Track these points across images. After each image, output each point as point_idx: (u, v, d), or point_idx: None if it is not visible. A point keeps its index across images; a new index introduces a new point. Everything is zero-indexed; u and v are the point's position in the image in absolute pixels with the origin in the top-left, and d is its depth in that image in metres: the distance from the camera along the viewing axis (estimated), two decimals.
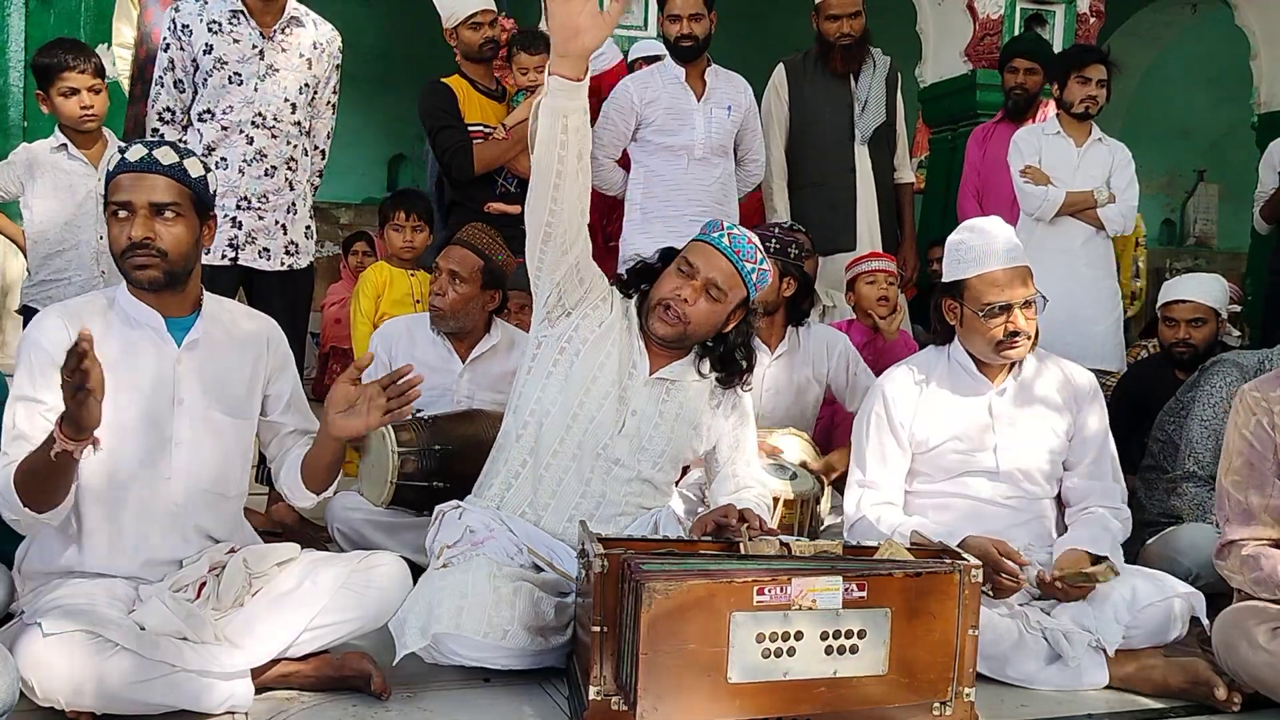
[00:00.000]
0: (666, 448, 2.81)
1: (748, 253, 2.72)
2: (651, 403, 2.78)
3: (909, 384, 2.94)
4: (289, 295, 3.71)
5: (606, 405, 2.73)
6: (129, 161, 2.31)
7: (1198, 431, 3.41)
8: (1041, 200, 4.51)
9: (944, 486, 2.93)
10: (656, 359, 2.79)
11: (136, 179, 2.30)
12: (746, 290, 2.76)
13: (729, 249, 2.72)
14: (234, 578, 2.39)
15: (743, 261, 2.72)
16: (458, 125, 4.28)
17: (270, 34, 3.58)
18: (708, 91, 4.35)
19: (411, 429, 3.28)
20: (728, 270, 2.71)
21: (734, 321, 2.79)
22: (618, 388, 2.74)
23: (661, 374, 2.78)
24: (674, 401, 2.81)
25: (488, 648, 2.37)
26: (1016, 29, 6.38)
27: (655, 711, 2.11)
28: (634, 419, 2.76)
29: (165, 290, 2.35)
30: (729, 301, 2.74)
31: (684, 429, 2.82)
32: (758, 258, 2.74)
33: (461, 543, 2.62)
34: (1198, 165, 10.93)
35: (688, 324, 2.72)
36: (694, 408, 2.83)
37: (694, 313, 2.71)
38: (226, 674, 2.20)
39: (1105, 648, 2.62)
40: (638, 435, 2.77)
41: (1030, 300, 2.80)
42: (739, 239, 2.73)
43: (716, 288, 2.70)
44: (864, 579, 2.19)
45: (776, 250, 3.58)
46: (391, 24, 8.84)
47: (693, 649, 2.11)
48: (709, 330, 2.76)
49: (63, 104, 3.60)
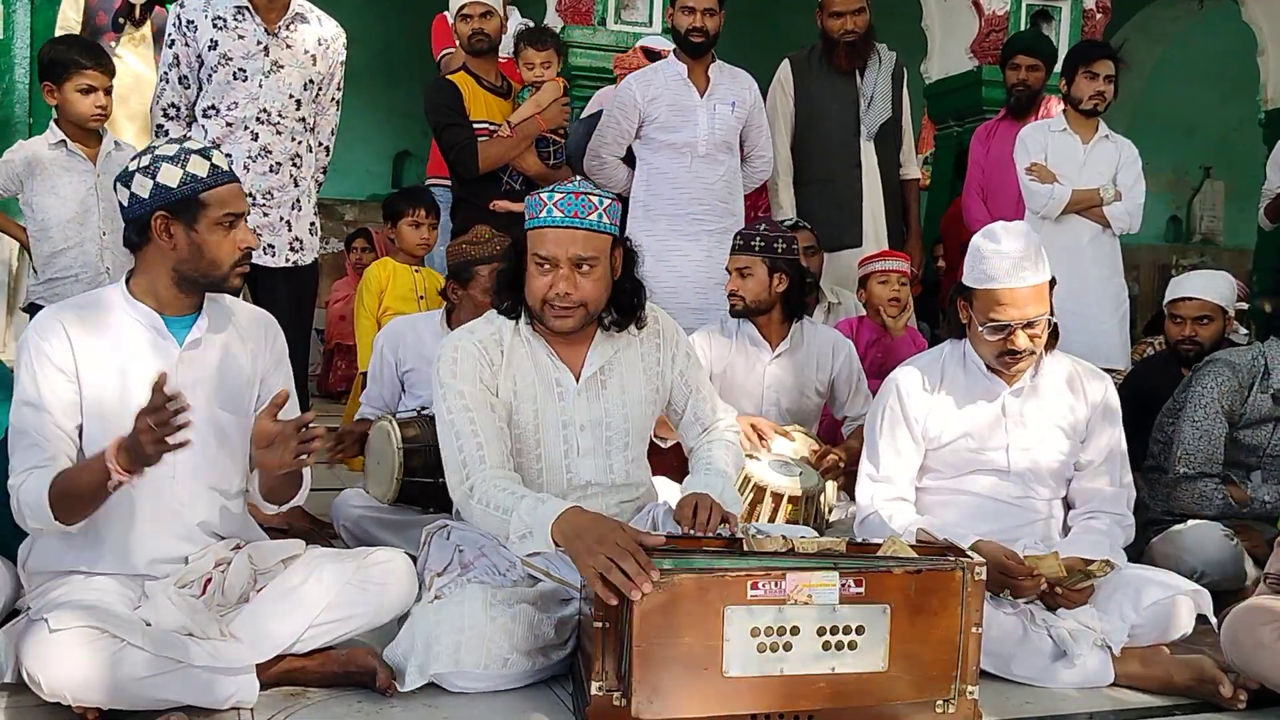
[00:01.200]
0: (628, 438, 2.73)
1: (579, 205, 2.54)
2: (594, 404, 2.67)
3: (923, 379, 2.93)
4: (293, 291, 3.72)
5: (549, 438, 2.64)
6: (220, 174, 2.34)
7: (1189, 433, 3.40)
8: (1047, 198, 4.49)
9: (953, 483, 2.92)
10: (572, 358, 2.67)
11: (230, 193, 2.35)
12: (607, 234, 2.58)
13: (565, 218, 2.54)
14: (239, 574, 2.40)
15: (586, 218, 2.54)
16: (462, 123, 4.28)
17: (275, 30, 3.59)
18: (711, 88, 4.35)
19: (417, 425, 3.28)
20: (581, 236, 2.54)
21: (615, 268, 2.64)
22: (556, 413, 2.63)
23: (586, 373, 2.67)
24: (613, 389, 2.70)
25: (488, 678, 2.37)
26: (1022, 25, 6.37)
27: (651, 705, 2.12)
28: (584, 433, 2.66)
29: None
30: (602, 260, 2.58)
31: (636, 407, 2.73)
32: (593, 202, 2.55)
33: (451, 567, 2.59)
34: (1204, 162, 10.91)
35: (585, 305, 2.57)
36: (635, 381, 2.73)
37: (582, 295, 2.56)
38: (232, 670, 2.20)
39: (1111, 645, 2.62)
40: (595, 445, 2.67)
41: (1035, 321, 2.76)
42: (563, 201, 2.54)
43: (582, 259, 2.55)
44: (862, 575, 2.19)
45: (762, 248, 3.57)
46: (396, 20, 8.84)
47: (687, 643, 2.12)
48: (605, 293, 2.62)
49: (78, 100, 3.57)
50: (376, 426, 3.36)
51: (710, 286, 4.29)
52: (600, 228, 2.56)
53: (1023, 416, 2.88)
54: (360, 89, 7.11)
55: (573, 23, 5.66)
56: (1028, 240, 2.77)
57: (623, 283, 2.66)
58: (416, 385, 3.59)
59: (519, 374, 2.63)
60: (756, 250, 3.58)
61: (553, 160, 4.40)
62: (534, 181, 4.37)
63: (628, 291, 2.67)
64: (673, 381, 2.83)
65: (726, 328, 3.73)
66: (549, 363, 2.66)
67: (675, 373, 2.82)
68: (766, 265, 3.57)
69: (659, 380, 2.80)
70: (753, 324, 3.68)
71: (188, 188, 2.29)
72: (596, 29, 5.70)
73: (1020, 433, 2.88)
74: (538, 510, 2.34)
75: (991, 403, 2.89)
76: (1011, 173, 4.71)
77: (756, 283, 3.59)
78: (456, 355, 2.59)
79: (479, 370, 2.58)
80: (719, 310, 4.02)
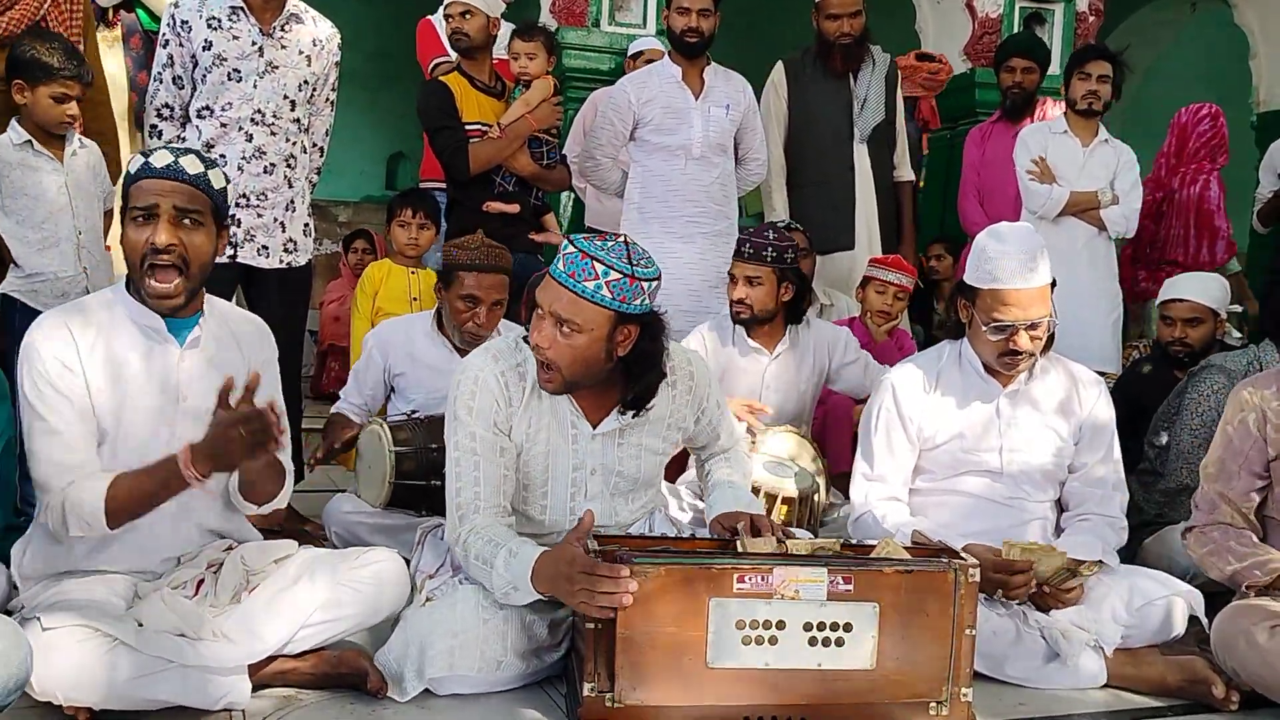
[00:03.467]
0: (637, 484, 2.68)
1: (585, 273, 2.36)
2: (608, 451, 2.60)
3: (919, 379, 2.94)
4: (287, 293, 3.71)
5: (557, 479, 2.58)
6: (154, 167, 2.29)
7: (1187, 442, 3.41)
8: (1046, 198, 4.51)
9: (945, 484, 2.93)
10: (592, 412, 2.56)
11: (160, 184, 2.28)
12: (608, 309, 2.38)
13: (563, 275, 2.38)
14: (232, 575, 2.39)
15: (581, 283, 2.35)
16: (454, 125, 4.27)
17: (270, 31, 3.58)
18: (706, 90, 4.35)
19: (408, 428, 3.28)
20: (567, 299, 2.36)
21: (621, 345, 2.44)
22: (567, 455, 2.56)
23: (603, 429, 2.58)
24: (631, 441, 2.62)
25: (483, 680, 2.37)
26: (1016, 28, 6.38)
27: (634, 692, 2.15)
28: (594, 477, 2.60)
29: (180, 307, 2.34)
30: (590, 331, 2.38)
31: (650, 459, 2.67)
32: (597, 271, 2.35)
33: (443, 569, 2.59)
34: None
35: (560, 369, 2.41)
36: (655, 435, 2.66)
37: (555, 356, 2.40)
38: (224, 670, 2.20)
39: (1104, 646, 2.62)
40: (604, 489, 2.62)
41: (1037, 322, 2.77)
42: (572, 259, 2.37)
43: (561, 320, 2.37)
44: (850, 572, 2.19)
45: (774, 257, 3.58)
46: (391, 22, 8.83)
47: (671, 632, 2.14)
48: (590, 365, 2.43)
49: (50, 107, 3.45)
50: (367, 430, 3.35)
51: (704, 289, 4.30)
52: (593, 298, 2.36)
53: (1017, 418, 2.89)
54: (355, 90, 7.11)
55: (567, 24, 5.66)
56: (1033, 241, 2.78)
57: (631, 362, 2.48)
58: (407, 389, 3.58)
59: (534, 415, 2.53)
60: (769, 260, 3.57)
61: (546, 160, 4.40)
62: (527, 182, 4.37)
63: (635, 376, 2.50)
64: (695, 429, 2.79)
65: (724, 327, 3.73)
66: (567, 407, 2.56)
67: (705, 422, 2.79)
68: (776, 275, 3.58)
69: (679, 429, 2.73)
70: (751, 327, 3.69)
71: (125, 183, 2.32)
72: (590, 30, 5.70)
73: (1014, 434, 2.89)
74: (513, 566, 2.31)
75: (986, 404, 2.89)
76: (1008, 174, 4.73)
77: (765, 292, 3.59)
78: (475, 389, 2.48)
79: (494, 410, 2.48)
80: (712, 313, 4.03)
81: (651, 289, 2.43)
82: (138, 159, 2.33)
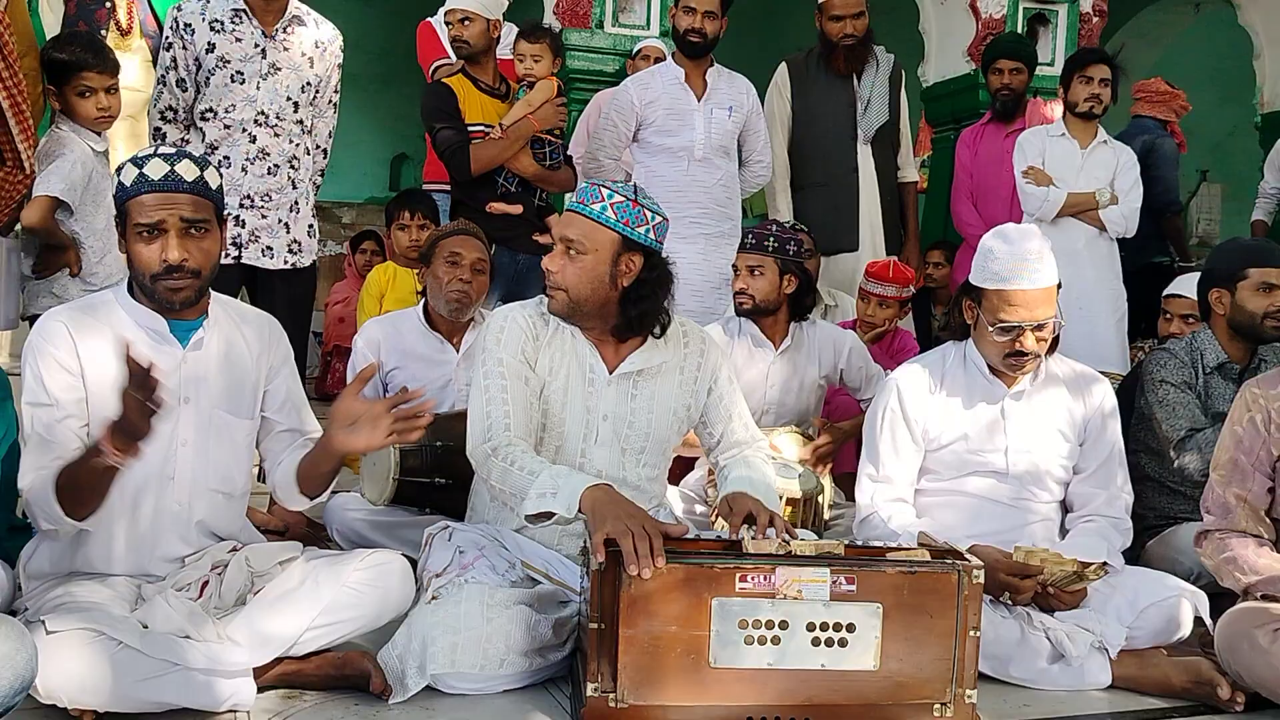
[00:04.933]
0: (647, 443, 2.76)
1: (592, 196, 2.60)
2: (621, 401, 2.71)
3: (924, 380, 2.93)
4: (292, 294, 3.71)
5: (572, 418, 2.69)
6: (153, 180, 2.27)
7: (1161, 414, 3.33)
8: (1042, 201, 4.51)
9: (951, 485, 2.92)
10: (611, 355, 2.72)
11: (164, 199, 2.27)
12: (614, 232, 2.59)
13: (574, 203, 2.64)
14: (236, 576, 2.40)
15: (589, 206, 2.59)
16: (456, 126, 4.27)
17: (272, 33, 3.59)
18: (708, 92, 4.35)
19: None
20: (575, 221, 2.60)
21: (625, 276, 2.62)
22: (582, 398, 2.69)
23: (623, 369, 2.71)
24: (644, 393, 2.74)
25: (485, 679, 2.37)
26: (1019, 28, 6.37)
27: (637, 691, 2.15)
28: (606, 424, 2.70)
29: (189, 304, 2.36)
30: (595, 251, 2.58)
31: (662, 417, 2.76)
32: (603, 195, 2.59)
33: (450, 568, 2.59)
34: (1201, 165, 10.90)
35: (565, 290, 2.60)
36: (668, 392, 2.76)
37: (563, 277, 2.60)
38: (229, 672, 2.20)
39: (1108, 648, 2.62)
40: (614, 439, 2.71)
41: (1044, 323, 2.76)
42: (583, 191, 2.63)
43: (570, 242, 2.59)
44: (854, 573, 2.19)
45: (775, 248, 3.58)
46: (393, 24, 8.84)
47: (674, 631, 2.14)
48: (594, 287, 2.60)
49: (79, 104, 3.48)
50: None
51: (707, 290, 4.29)
52: (598, 217, 2.58)
53: (1022, 419, 2.89)
54: (358, 92, 7.12)
55: (571, 25, 5.66)
56: (1040, 242, 2.77)
57: (632, 291, 2.63)
58: (403, 384, 3.57)
59: (557, 354, 2.69)
60: (770, 250, 3.58)
61: (549, 161, 4.39)
62: (530, 183, 4.37)
63: (633, 301, 2.64)
64: (707, 402, 2.83)
65: (729, 327, 3.73)
66: (587, 351, 2.71)
67: (715, 394, 2.83)
68: (778, 265, 3.58)
69: (692, 398, 2.81)
70: (755, 324, 3.68)
71: (119, 194, 2.30)
72: (594, 32, 5.70)
73: (1019, 435, 2.88)
74: (572, 476, 2.40)
75: (992, 405, 2.89)
76: (1001, 176, 4.74)
77: (767, 282, 3.59)
78: (504, 325, 2.67)
79: (522, 343, 2.65)
80: (715, 314, 4.03)
81: (655, 223, 2.64)
82: (130, 169, 2.29)
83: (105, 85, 3.48)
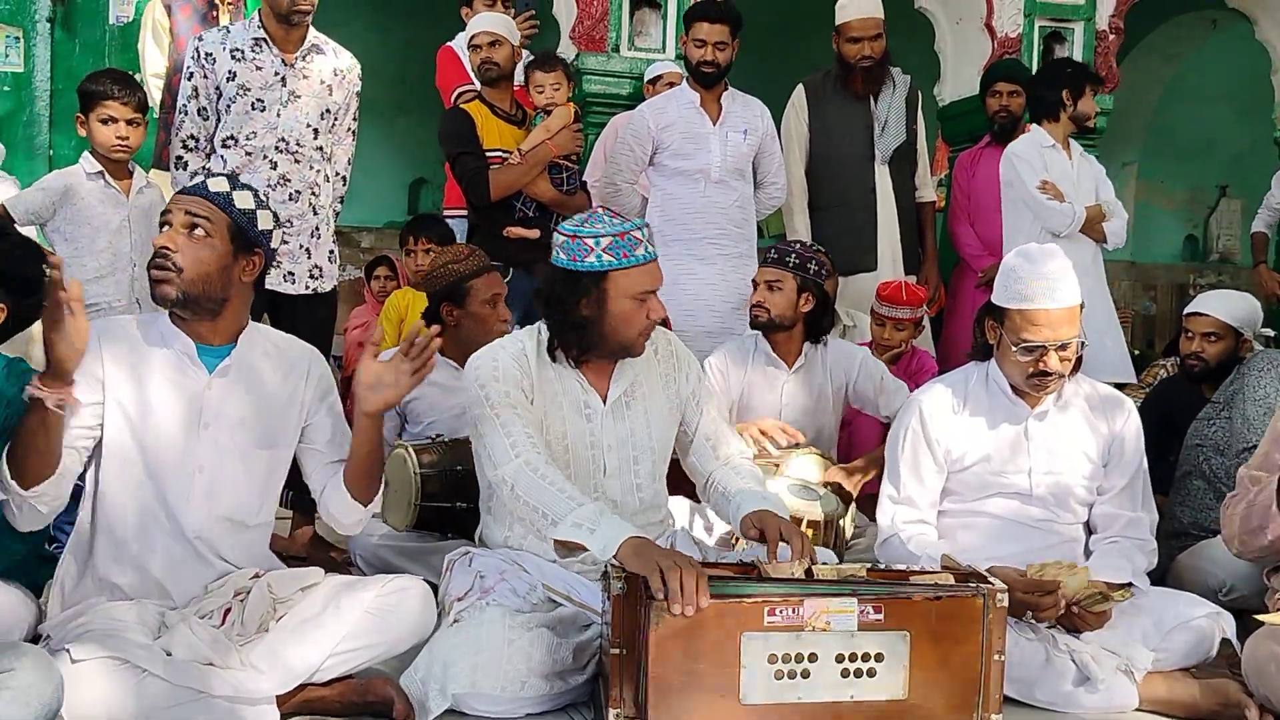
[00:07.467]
0: (653, 456, 2.79)
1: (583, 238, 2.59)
2: (621, 427, 2.74)
3: (946, 400, 2.91)
4: (313, 319, 3.74)
5: (577, 457, 2.69)
6: (185, 186, 2.44)
7: (1240, 429, 3.35)
8: (1070, 217, 4.46)
9: (974, 506, 2.90)
10: (598, 382, 2.73)
11: (181, 198, 2.39)
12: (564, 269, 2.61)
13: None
14: (259, 603, 2.39)
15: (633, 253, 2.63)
16: (475, 151, 4.30)
17: (292, 61, 3.63)
18: (724, 115, 4.37)
19: (433, 451, 3.30)
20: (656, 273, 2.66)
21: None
22: (584, 433, 2.69)
23: (613, 395, 2.73)
24: (636, 410, 2.76)
25: (506, 700, 2.37)
26: (1035, 47, 6.36)
27: None
28: (610, 454, 2.72)
29: (188, 313, 2.36)
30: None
31: (658, 426, 2.80)
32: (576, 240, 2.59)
33: (472, 593, 2.59)
34: (1220, 181, 10.86)
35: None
36: (654, 400, 2.80)
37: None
38: (252, 700, 2.20)
39: (1134, 670, 2.59)
40: (620, 468, 2.73)
41: (1067, 343, 2.74)
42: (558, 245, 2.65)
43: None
44: (881, 601, 2.18)
45: (796, 265, 3.60)
46: (410, 52, 8.91)
47: (703, 669, 2.12)
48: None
49: (99, 130, 3.69)
50: (392, 454, 3.36)
51: (725, 310, 4.30)
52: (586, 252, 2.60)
53: (1045, 440, 2.86)
54: (376, 119, 7.16)
55: (587, 50, 5.68)
56: (1062, 261, 2.76)
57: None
58: (423, 414, 3.59)
59: (549, 395, 2.68)
60: (790, 266, 3.60)
61: (566, 186, 4.42)
62: (548, 208, 4.39)
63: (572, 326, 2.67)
64: (685, 400, 2.87)
65: (744, 347, 3.74)
66: (577, 385, 2.71)
67: (688, 392, 2.87)
68: (797, 282, 3.59)
69: (676, 399, 2.85)
70: (770, 341, 3.68)
71: None
72: (610, 56, 5.72)
73: (1043, 456, 2.86)
74: (617, 523, 2.34)
75: (1015, 425, 2.87)
76: (999, 197, 4.71)
77: (784, 298, 3.60)
78: (496, 364, 2.66)
79: (518, 376, 2.65)
80: (733, 333, 4.04)
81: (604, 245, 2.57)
82: None
83: (127, 117, 3.61)
